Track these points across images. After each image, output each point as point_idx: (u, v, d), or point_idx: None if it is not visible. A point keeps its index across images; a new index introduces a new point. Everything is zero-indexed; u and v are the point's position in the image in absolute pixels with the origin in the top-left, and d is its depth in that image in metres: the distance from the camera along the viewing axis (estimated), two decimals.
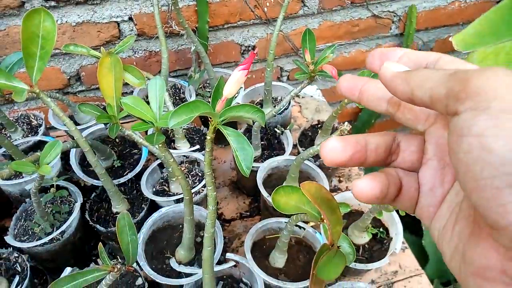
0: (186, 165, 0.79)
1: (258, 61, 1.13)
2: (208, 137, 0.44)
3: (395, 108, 0.26)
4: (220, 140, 0.99)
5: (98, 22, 0.92)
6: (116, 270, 0.45)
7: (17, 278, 0.62)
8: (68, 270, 0.58)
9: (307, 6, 1.04)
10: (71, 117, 0.88)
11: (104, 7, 0.90)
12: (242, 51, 1.09)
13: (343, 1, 1.05)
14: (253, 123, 0.75)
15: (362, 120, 1.29)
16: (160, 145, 0.52)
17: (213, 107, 0.41)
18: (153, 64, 1.04)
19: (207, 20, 0.97)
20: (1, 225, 0.80)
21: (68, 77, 1.00)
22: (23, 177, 0.70)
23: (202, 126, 0.89)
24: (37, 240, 0.64)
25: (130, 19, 0.94)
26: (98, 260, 0.78)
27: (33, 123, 0.85)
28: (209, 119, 0.41)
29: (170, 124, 0.37)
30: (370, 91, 0.27)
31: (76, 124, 0.85)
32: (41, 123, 0.85)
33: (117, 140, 0.82)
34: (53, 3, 0.87)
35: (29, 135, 0.83)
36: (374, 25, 1.15)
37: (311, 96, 1.13)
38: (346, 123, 0.60)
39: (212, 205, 0.47)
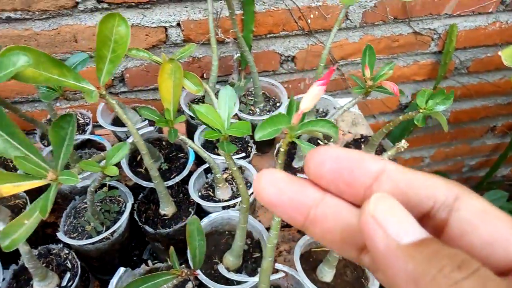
0: (230, 171, 0.80)
1: (296, 71, 1.14)
2: (282, 149, 0.45)
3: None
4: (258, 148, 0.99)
5: (147, 26, 0.94)
6: (184, 274, 0.45)
7: (68, 275, 0.63)
8: (121, 270, 0.59)
9: (349, 19, 1.05)
10: (116, 118, 0.89)
11: (153, 12, 0.92)
12: (281, 61, 1.10)
13: (386, 16, 1.06)
14: (324, 137, 0.76)
15: (393, 135, 1.29)
16: (227, 154, 0.53)
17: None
18: (195, 70, 1.05)
19: (252, 29, 0.98)
20: (43, 221, 0.82)
21: (112, 78, 1.02)
22: None
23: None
24: (86, 238, 0.65)
25: (178, 24, 0.95)
26: (149, 261, 0.79)
27: (80, 121, 0.87)
28: (284, 132, 0.41)
29: (257, 137, 0.38)
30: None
31: (121, 125, 0.86)
32: (88, 121, 0.86)
33: (163, 143, 0.83)
34: (105, 5, 0.89)
35: (76, 134, 0.84)
36: (413, 42, 1.15)
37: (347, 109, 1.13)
38: (403, 141, 0.60)
39: (278, 216, 0.48)
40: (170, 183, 0.74)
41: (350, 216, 0.18)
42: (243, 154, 0.80)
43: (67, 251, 0.66)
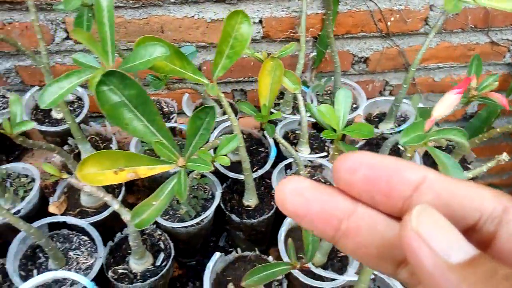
0: (309, 169, 0.82)
1: (366, 72, 1.14)
2: (408, 155, 0.46)
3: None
4: None
5: None
6: (298, 266, 0.47)
7: (162, 255, 0.67)
8: (217, 255, 0.62)
9: (429, 25, 1.04)
10: (197, 108, 0.92)
11: (239, 7, 0.94)
12: (353, 61, 1.10)
13: (466, 24, 1.04)
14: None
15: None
16: (337, 153, 0.54)
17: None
18: None
19: (332, 29, 0.99)
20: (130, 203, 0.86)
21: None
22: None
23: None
24: (178, 221, 0.69)
25: (260, 21, 0.97)
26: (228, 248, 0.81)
27: (164, 110, 0.90)
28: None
29: (401, 141, 0.39)
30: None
31: None
32: (172, 110, 0.90)
33: (244, 136, 0.85)
34: None
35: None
36: (489, 52, 1.13)
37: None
38: (504, 153, 0.59)
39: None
40: (253, 175, 0.76)
41: (387, 229, 0.16)
42: (325, 153, 0.81)
43: (159, 232, 0.69)
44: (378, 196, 0.16)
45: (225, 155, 0.56)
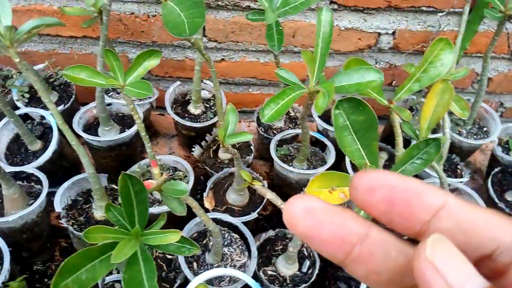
0: None
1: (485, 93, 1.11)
2: None
3: None
4: None
5: (363, 31, 0.96)
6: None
7: (307, 262, 0.69)
8: None
9: None
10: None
11: (375, 18, 0.94)
12: (475, 80, 1.08)
13: None
14: None
15: None
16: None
17: None
18: (386, 77, 1.06)
19: (465, 47, 0.97)
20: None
21: (307, 74, 1.06)
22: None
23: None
24: None
25: (393, 33, 0.96)
26: None
27: (291, 114, 0.92)
28: None
29: None
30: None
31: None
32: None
33: None
34: (335, 6, 0.92)
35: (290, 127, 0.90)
36: None
37: None
38: None
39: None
40: None
41: (399, 255, 0.16)
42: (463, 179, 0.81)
43: None
44: (396, 218, 0.16)
45: None
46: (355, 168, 0.81)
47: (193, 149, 0.87)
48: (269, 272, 0.68)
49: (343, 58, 1.03)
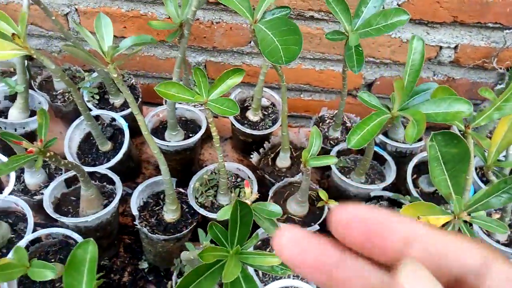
0: None
1: None
2: None
3: None
4: None
5: (426, 43, 0.95)
6: None
7: None
8: None
9: None
10: None
11: (438, 31, 0.93)
12: None
13: None
14: None
15: None
16: None
17: None
18: None
19: None
20: None
21: (364, 82, 1.07)
22: None
23: None
24: None
25: (455, 47, 0.95)
26: None
27: (347, 125, 0.93)
28: None
29: None
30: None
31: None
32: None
33: None
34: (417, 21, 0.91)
35: None
36: None
37: None
38: None
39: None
40: None
41: (375, 281, 0.17)
42: None
43: None
44: (374, 249, 0.17)
45: None
46: (416, 186, 0.81)
47: (251, 155, 0.89)
48: None
49: (401, 69, 1.03)
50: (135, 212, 0.71)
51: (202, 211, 0.73)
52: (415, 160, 0.83)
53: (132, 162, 0.88)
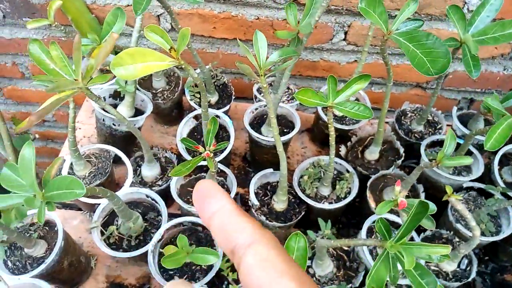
0: None
1: None
2: None
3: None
4: None
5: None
6: None
7: (465, 260, 0.77)
8: None
9: None
10: None
11: None
12: None
13: None
14: None
15: None
16: None
17: None
18: None
19: None
20: None
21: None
22: None
23: None
24: None
25: None
26: None
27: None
28: None
29: None
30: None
31: None
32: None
33: None
34: None
35: (430, 132, 0.97)
36: None
37: None
38: None
39: None
40: None
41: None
42: None
43: None
44: (222, 239, 0.23)
45: None
46: (500, 176, 0.87)
47: (340, 149, 0.95)
48: (431, 268, 0.77)
49: None
50: (255, 202, 0.78)
51: (310, 201, 0.81)
52: (500, 153, 0.88)
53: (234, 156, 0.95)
